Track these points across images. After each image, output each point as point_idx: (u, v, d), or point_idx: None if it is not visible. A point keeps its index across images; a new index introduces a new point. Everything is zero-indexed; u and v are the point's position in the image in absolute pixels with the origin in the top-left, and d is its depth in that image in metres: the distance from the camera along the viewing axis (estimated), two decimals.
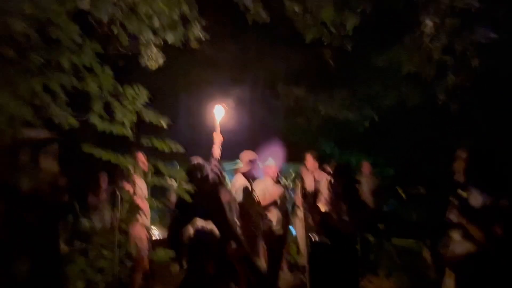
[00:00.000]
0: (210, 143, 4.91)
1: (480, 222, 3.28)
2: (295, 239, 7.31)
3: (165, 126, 3.12)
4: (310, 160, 6.44)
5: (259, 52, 13.82)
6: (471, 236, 3.30)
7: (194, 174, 4.16)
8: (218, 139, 4.68)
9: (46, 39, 3.83)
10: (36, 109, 4.15)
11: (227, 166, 9.79)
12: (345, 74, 9.47)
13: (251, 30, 13.30)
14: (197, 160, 4.34)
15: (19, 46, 4.26)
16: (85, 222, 7.40)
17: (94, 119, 2.93)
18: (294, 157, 9.83)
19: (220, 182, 4.52)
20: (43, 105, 4.74)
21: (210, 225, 2.57)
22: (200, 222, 2.65)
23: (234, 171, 7.94)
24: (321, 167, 6.47)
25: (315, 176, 6.29)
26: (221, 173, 4.39)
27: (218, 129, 4.74)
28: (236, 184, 5.39)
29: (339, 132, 11.36)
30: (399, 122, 9.86)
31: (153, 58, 4.57)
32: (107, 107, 3.14)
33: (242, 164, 5.64)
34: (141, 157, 4.35)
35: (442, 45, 5.74)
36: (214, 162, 4.42)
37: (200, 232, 2.54)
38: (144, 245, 5.18)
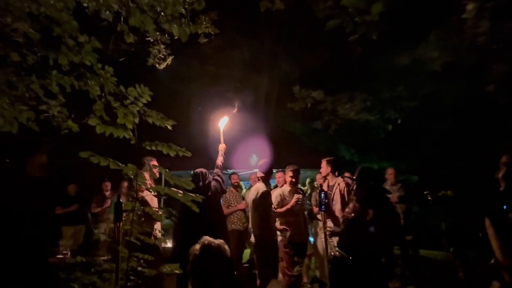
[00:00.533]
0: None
1: None
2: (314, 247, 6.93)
3: (170, 127, 2.77)
4: (324, 167, 5.98)
5: (274, 53, 13.51)
6: None
7: (196, 181, 4.35)
8: (222, 148, 4.88)
9: (44, 38, 3.56)
10: (34, 112, 3.87)
11: (244, 173, 9.41)
12: (367, 75, 9.05)
13: (266, 29, 13.06)
14: (199, 169, 4.64)
15: (18, 45, 4.00)
16: (97, 232, 7.19)
17: (93, 121, 2.61)
18: (310, 163, 9.45)
19: (221, 189, 4.76)
20: (42, 107, 4.47)
21: (217, 241, 2.24)
22: (207, 238, 2.31)
23: (254, 179, 7.62)
24: (336, 174, 6.03)
25: (329, 183, 5.86)
26: (222, 180, 4.57)
27: (222, 139, 4.96)
28: (258, 190, 5.03)
29: (359, 137, 10.91)
30: (423, 125, 9.37)
31: (161, 57, 4.23)
32: (108, 109, 2.81)
33: (260, 171, 5.29)
34: (154, 163, 4.27)
35: (485, 30, 5.19)
36: (216, 170, 4.62)
37: (206, 249, 2.21)
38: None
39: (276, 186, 7.50)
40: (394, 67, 8.38)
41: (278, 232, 5.23)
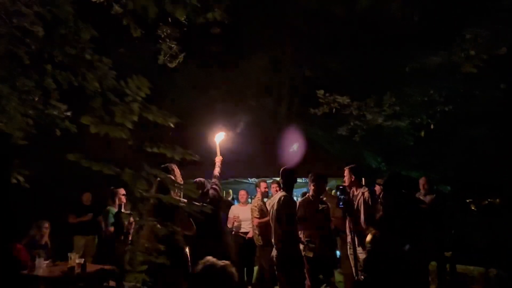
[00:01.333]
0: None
1: None
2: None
3: (172, 125, 2.38)
4: (347, 175, 5.46)
5: (296, 58, 13.12)
6: None
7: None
8: (218, 160, 5.07)
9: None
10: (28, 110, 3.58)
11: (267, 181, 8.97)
12: (395, 78, 8.54)
13: (286, 34, 12.71)
14: (199, 178, 4.89)
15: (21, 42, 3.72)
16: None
17: (86, 120, 2.25)
18: (334, 172, 8.97)
19: (219, 196, 5.02)
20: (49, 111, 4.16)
21: (222, 263, 1.94)
22: (210, 259, 1.99)
23: (275, 188, 7.20)
24: (363, 183, 5.51)
25: (354, 192, 5.34)
26: (220, 189, 4.75)
27: (218, 152, 5.19)
28: (280, 199, 4.59)
29: (386, 144, 10.35)
30: (457, 131, 8.75)
31: (172, 54, 3.89)
32: (104, 106, 2.44)
33: (281, 179, 4.85)
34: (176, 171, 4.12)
35: None
36: (214, 180, 4.78)
37: (208, 271, 1.91)
38: None
39: (304, 194, 7.14)
40: (426, 69, 7.86)
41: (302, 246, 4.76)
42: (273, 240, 4.66)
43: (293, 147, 9.63)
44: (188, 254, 4.04)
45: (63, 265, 4.69)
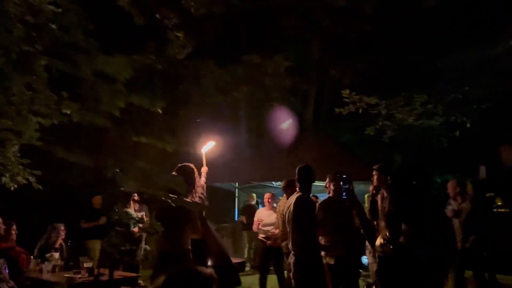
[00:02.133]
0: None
1: None
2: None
3: (159, 110, 2.12)
4: (375, 175, 5.01)
5: (323, 59, 12.78)
6: None
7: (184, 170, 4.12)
8: (204, 171, 4.86)
9: None
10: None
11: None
12: (427, 75, 8.06)
13: (314, 34, 12.38)
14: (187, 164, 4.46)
15: None
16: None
17: (67, 107, 2.04)
18: (362, 175, 8.51)
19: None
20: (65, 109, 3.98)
21: (209, 270, 1.67)
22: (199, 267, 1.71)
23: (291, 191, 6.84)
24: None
25: (385, 194, 4.89)
26: (205, 198, 4.48)
27: (204, 162, 4.99)
28: (296, 200, 4.25)
29: (418, 146, 9.80)
30: (495, 131, 8.16)
31: (180, 44, 3.67)
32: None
33: (300, 179, 4.48)
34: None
35: None
36: (199, 189, 4.43)
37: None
38: None
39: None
40: (461, 65, 7.37)
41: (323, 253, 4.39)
42: (289, 246, 4.29)
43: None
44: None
45: (75, 269, 4.52)
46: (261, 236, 6.89)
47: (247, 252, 9.85)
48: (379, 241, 3.66)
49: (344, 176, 4.24)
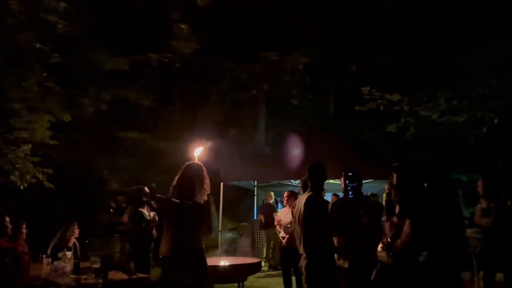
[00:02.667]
0: None
1: None
2: None
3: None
4: (394, 176, 4.74)
5: (343, 55, 12.48)
6: None
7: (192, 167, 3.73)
8: None
9: None
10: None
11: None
12: (451, 69, 7.71)
13: (334, 30, 12.11)
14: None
15: None
16: None
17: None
18: (384, 174, 8.23)
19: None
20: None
21: None
22: None
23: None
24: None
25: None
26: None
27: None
28: (307, 200, 4.06)
29: (443, 144, 9.43)
30: None
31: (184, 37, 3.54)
32: None
33: (311, 177, 4.27)
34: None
35: None
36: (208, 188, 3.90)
37: None
38: None
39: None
40: (487, 59, 7.02)
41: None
42: (300, 248, 4.09)
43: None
44: None
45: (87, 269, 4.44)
46: (282, 237, 6.76)
47: (266, 251, 9.70)
48: (380, 245, 3.46)
49: (350, 173, 4.04)
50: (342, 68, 12.50)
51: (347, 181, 3.98)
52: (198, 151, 4.68)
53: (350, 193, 3.84)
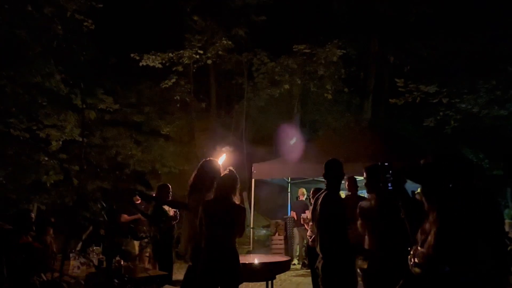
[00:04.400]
0: None
1: None
2: None
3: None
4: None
5: (382, 46, 11.94)
6: None
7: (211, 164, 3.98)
8: None
9: None
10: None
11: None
12: (494, 59, 7.17)
13: (372, 21, 11.60)
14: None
15: None
16: None
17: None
18: None
19: None
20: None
21: None
22: None
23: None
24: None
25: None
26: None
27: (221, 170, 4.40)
28: (323, 198, 3.87)
29: (488, 137, 8.81)
30: None
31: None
32: None
33: (328, 175, 4.07)
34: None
35: None
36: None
37: None
38: None
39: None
40: None
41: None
42: (317, 249, 3.90)
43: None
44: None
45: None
46: (307, 234, 6.60)
47: (299, 249, 9.53)
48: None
49: (387, 164, 3.72)
50: (380, 59, 11.98)
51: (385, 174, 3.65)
52: (222, 159, 4.63)
53: (390, 185, 3.51)
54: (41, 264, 3.68)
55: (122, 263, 4.51)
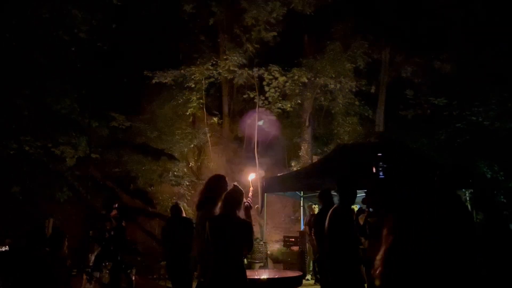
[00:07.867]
0: None
1: None
2: None
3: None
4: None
5: (393, 58, 11.89)
6: None
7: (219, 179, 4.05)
8: (251, 190, 4.43)
9: None
10: None
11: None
12: (505, 71, 7.13)
13: (384, 33, 11.58)
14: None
15: None
16: None
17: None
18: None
19: None
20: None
21: None
22: None
23: None
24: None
25: None
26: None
27: (251, 185, 4.57)
28: (332, 212, 3.88)
29: (503, 149, 8.68)
30: None
31: None
32: None
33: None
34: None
35: None
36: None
37: None
38: None
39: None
40: None
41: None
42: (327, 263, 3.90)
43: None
44: None
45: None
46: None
47: (312, 264, 9.44)
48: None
49: (380, 154, 3.71)
50: (392, 72, 11.94)
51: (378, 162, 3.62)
52: (252, 176, 4.68)
53: (381, 174, 3.47)
54: (54, 280, 3.75)
55: (134, 278, 4.56)
